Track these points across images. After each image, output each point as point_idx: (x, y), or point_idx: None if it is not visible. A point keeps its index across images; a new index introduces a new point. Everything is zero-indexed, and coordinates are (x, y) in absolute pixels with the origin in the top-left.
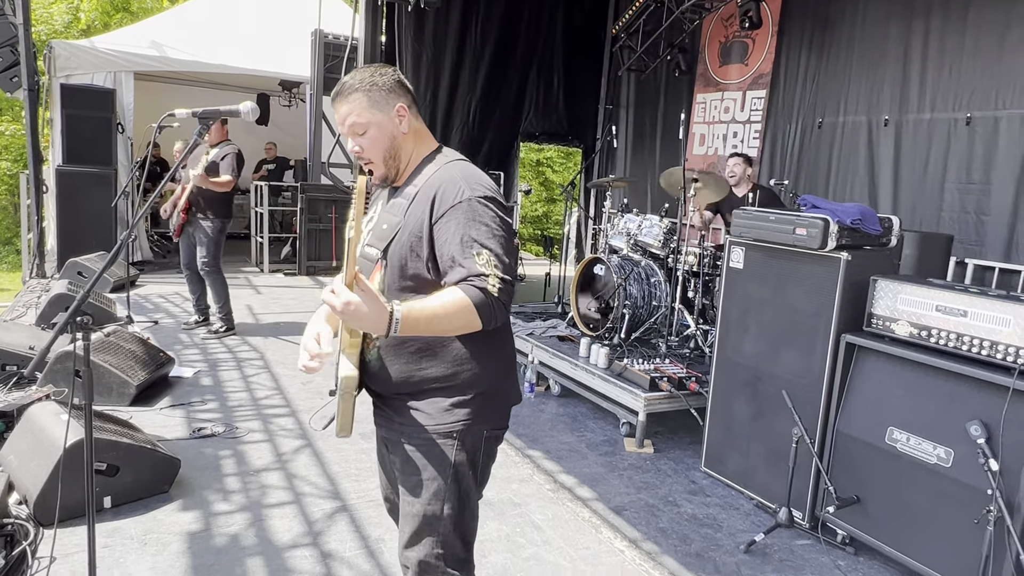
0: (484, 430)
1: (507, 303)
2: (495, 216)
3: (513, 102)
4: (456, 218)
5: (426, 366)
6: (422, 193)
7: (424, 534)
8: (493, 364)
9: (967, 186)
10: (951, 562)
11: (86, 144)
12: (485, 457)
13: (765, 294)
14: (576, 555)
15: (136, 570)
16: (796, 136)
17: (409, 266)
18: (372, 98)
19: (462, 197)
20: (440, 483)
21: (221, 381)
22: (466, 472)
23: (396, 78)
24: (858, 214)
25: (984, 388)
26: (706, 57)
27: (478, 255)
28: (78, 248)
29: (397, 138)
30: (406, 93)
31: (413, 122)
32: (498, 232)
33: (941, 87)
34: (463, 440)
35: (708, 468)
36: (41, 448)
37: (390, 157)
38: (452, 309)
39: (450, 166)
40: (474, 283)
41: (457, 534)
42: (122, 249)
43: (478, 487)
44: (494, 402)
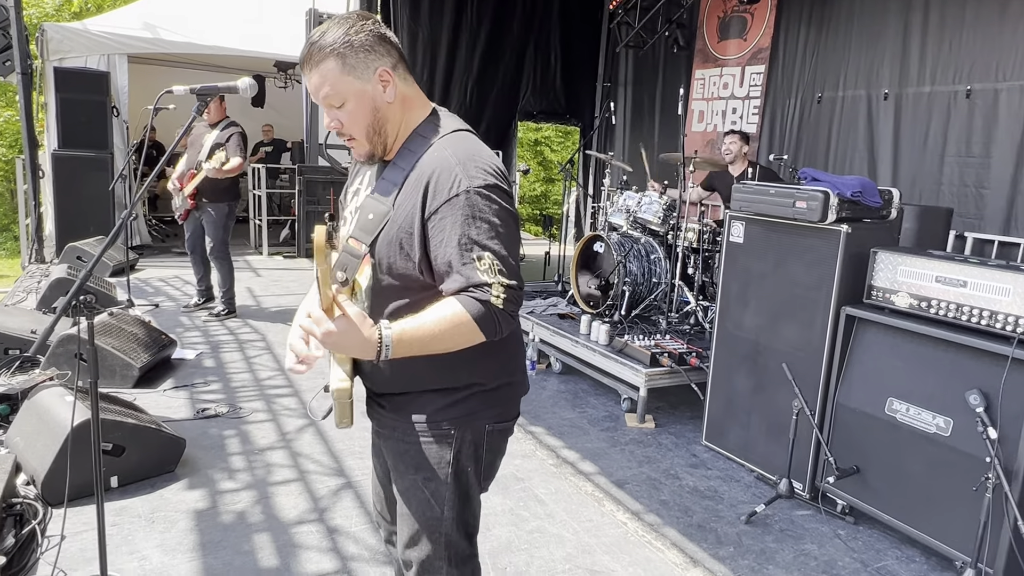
0: (486, 424)
1: (514, 311)
2: (498, 208)
3: (510, 81)
4: (452, 215)
5: (422, 365)
6: (413, 178)
7: (424, 535)
8: (497, 358)
9: (967, 159)
10: (950, 529)
11: (81, 128)
12: (490, 453)
13: (765, 268)
14: (579, 528)
15: (145, 547)
16: (795, 111)
17: (397, 265)
18: (348, 63)
19: (459, 189)
20: (437, 484)
21: (223, 363)
22: (466, 469)
23: (377, 32)
24: (858, 186)
25: (983, 357)
26: (704, 33)
27: (479, 260)
28: (76, 233)
29: (381, 109)
30: (389, 51)
31: (400, 86)
32: (501, 229)
33: (941, 60)
34: (463, 437)
35: (709, 441)
36: (47, 429)
37: (374, 132)
38: (449, 327)
39: (445, 143)
40: (474, 294)
41: (460, 533)
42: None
43: (483, 482)
44: (498, 396)
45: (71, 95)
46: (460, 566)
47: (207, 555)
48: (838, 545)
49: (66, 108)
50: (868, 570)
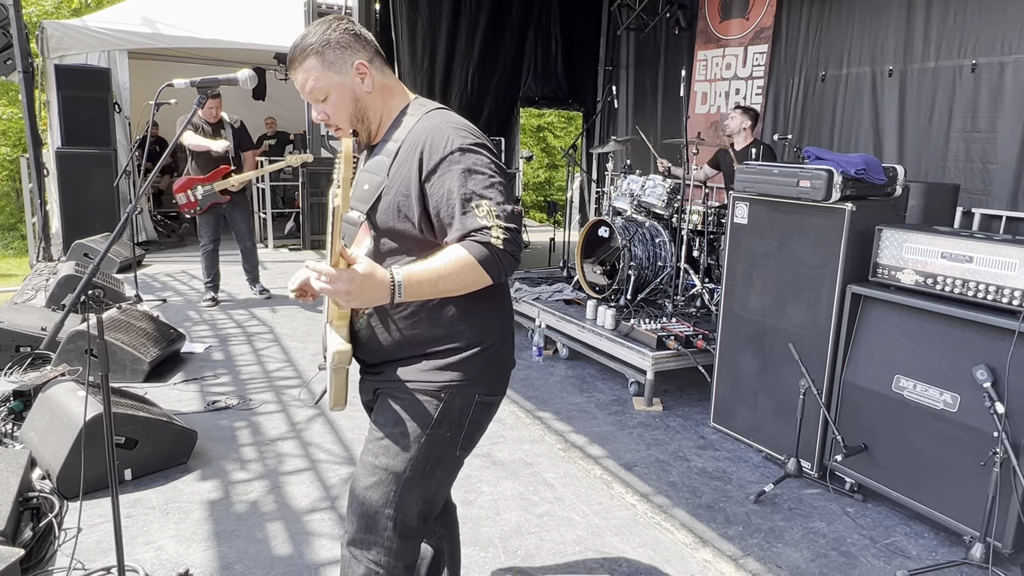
0: (476, 394)
1: (515, 251)
2: (489, 162)
3: (511, 67)
4: (449, 171)
5: (418, 330)
6: (406, 147)
7: (379, 488)
8: (491, 324)
9: (972, 134)
10: (958, 504)
11: (84, 125)
12: (472, 424)
13: (770, 248)
14: (588, 510)
15: (160, 538)
16: (799, 90)
17: (397, 228)
18: (327, 59)
19: (452, 147)
20: (410, 441)
21: (232, 355)
22: (444, 436)
23: (352, 31)
24: (862, 164)
25: (990, 332)
26: (706, 13)
27: (477, 207)
28: (82, 230)
29: (362, 99)
30: (364, 46)
31: (378, 77)
32: (495, 179)
33: (946, 34)
34: (450, 402)
35: (716, 423)
36: (60, 424)
37: (357, 120)
38: (455, 268)
39: (432, 115)
40: (476, 238)
41: (414, 499)
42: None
43: (459, 451)
44: (491, 365)
45: (73, 92)
46: (403, 536)
47: (221, 544)
48: (847, 522)
49: (68, 105)
50: (877, 546)
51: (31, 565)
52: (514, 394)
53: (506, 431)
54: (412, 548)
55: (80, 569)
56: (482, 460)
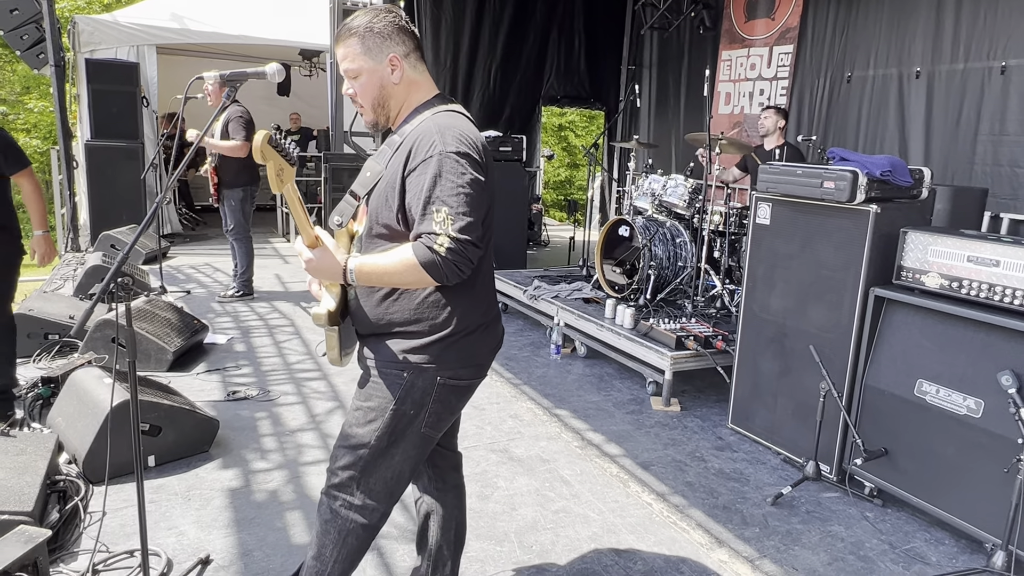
0: (439, 376)
1: (458, 261)
2: (463, 172)
3: (534, 66)
4: (424, 173)
5: (392, 310)
6: (404, 144)
7: (347, 454)
8: (460, 313)
9: (1001, 138)
10: (980, 511)
11: (113, 118)
12: (437, 403)
13: (792, 249)
14: (604, 508)
15: (182, 523)
16: (824, 91)
17: (382, 215)
18: (366, 44)
19: (434, 152)
20: (377, 414)
21: (254, 347)
22: (406, 412)
23: (396, 23)
24: (888, 166)
25: (1016, 338)
26: (731, 13)
27: (436, 212)
28: (110, 222)
29: (387, 87)
30: (404, 40)
31: (408, 71)
32: (462, 188)
33: (976, 35)
34: (413, 381)
35: (735, 424)
36: (87, 410)
37: (379, 105)
38: (401, 267)
39: (438, 116)
40: (424, 242)
41: (378, 466)
42: (154, 217)
43: (426, 428)
44: (454, 350)
45: (102, 86)
46: (366, 496)
47: (241, 531)
48: (866, 527)
49: (98, 99)
50: (896, 552)
51: (57, 546)
52: (532, 391)
53: (523, 428)
54: (372, 510)
55: (104, 551)
56: (499, 456)
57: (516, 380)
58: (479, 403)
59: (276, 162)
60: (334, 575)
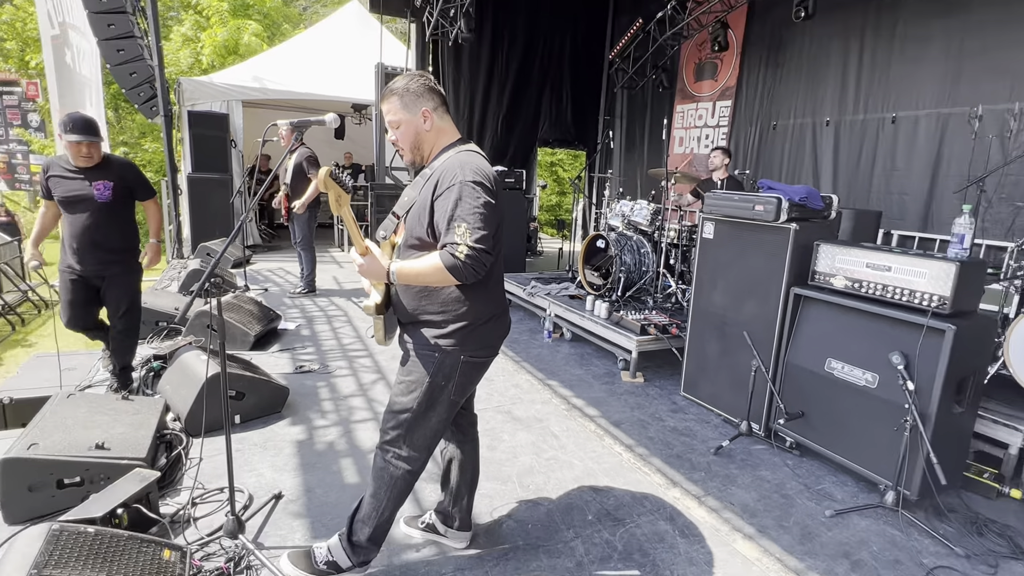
0: (462, 355)
1: (474, 265)
2: (479, 195)
3: (531, 116)
4: (449, 197)
5: (424, 304)
6: (433, 175)
7: (395, 418)
8: (475, 309)
9: (892, 172)
10: (876, 460)
11: (208, 156)
12: (462, 376)
13: (731, 258)
14: (585, 456)
15: (260, 466)
16: (755, 136)
17: (416, 230)
18: (404, 101)
19: (456, 181)
20: (416, 386)
21: (316, 332)
22: (439, 384)
23: (427, 85)
24: (805, 193)
25: (903, 326)
26: (683, 75)
27: (458, 227)
28: (206, 235)
29: (421, 133)
30: (433, 97)
31: (437, 121)
32: (478, 209)
33: (872, 93)
34: (443, 360)
35: (686, 392)
36: (188, 380)
37: (415, 147)
38: (430, 269)
39: (457, 155)
40: (448, 250)
41: (419, 426)
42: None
43: (455, 396)
44: (473, 336)
45: (200, 131)
46: (411, 450)
47: (305, 473)
48: (787, 472)
49: (197, 141)
50: (810, 491)
51: (165, 484)
52: (529, 366)
53: (523, 394)
54: (415, 459)
55: (200, 489)
56: (504, 416)
57: (517, 358)
58: (489, 375)
59: (335, 191)
60: (387, 510)
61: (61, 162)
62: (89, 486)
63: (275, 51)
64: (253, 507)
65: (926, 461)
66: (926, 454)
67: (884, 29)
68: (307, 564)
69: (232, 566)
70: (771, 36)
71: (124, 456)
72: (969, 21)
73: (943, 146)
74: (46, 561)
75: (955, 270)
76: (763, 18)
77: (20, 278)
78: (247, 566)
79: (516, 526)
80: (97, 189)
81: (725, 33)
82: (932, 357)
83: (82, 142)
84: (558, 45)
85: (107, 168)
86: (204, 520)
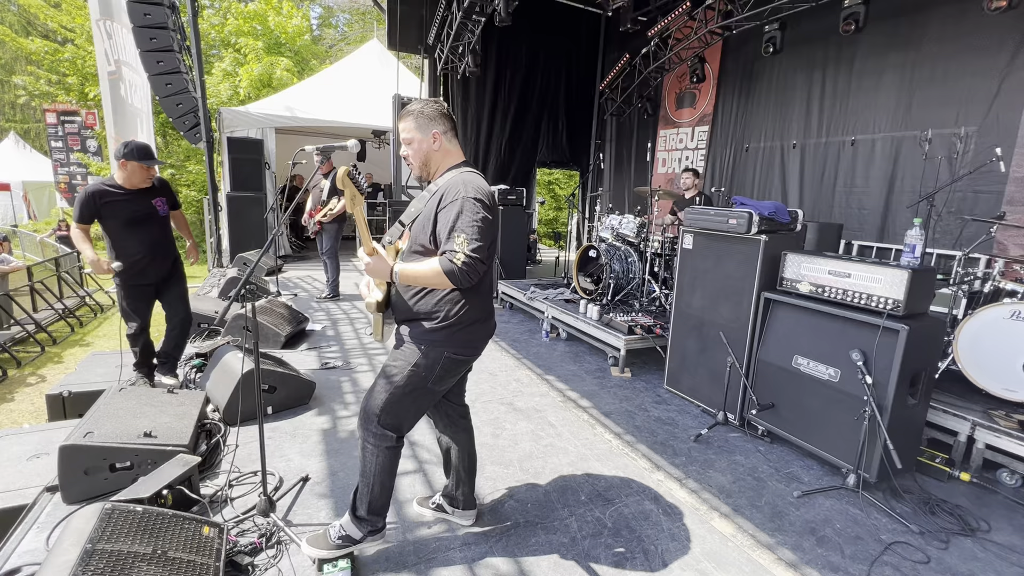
0: (445, 352)
1: (469, 271)
2: (478, 210)
3: (531, 140)
4: (451, 210)
5: (419, 304)
6: (438, 191)
7: (375, 396)
8: (464, 312)
9: (851, 189)
10: (838, 446)
11: (245, 177)
12: (442, 370)
13: (708, 266)
14: (579, 443)
15: (289, 452)
16: (730, 157)
17: (420, 237)
18: (418, 123)
19: (458, 196)
20: (401, 371)
21: (340, 332)
22: (420, 373)
23: (439, 110)
24: (773, 208)
25: (862, 326)
26: (666, 104)
27: (457, 237)
28: (243, 247)
29: (430, 152)
30: (444, 121)
31: (445, 143)
32: (476, 223)
33: (834, 119)
34: (427, 353)
35: (669, 386)
36: (225, 375)
37: (424, 164)
38: (429, 272)
39: (461, 175)
40: (447, 256)
41: (396, 406)
42: (272, 243)
43: (434, 385)
44: (458, 336)
45: (238, 155)
46: (385, 429)
47: (330, 458)
48: (759, 457)
49: (235, 164)
50: (780, 474)
51: (205, 468)
52: (529, 363)
53: (523, 388)
54: (388, 438)
55: (237, 472)
56: (506, 407)
57: (518, 355)
58: (493, 371)
59: (351, 190)
60: (376, 484)
61: (109, 187)
62: (138, 470)
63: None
64: (283, 488)
65: (883, 447)
66: (883, 441)
67: (844, 62)
68: (324, 543)
69: (264, 541)
70: (743, 69)
71: (169, 443)
72: (919, 55)
73: (897, 166)
74: (100, 536)
75: (907, 276)
76: (736, 53)
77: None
78: (277, 541)
79: (517, 505)
80: (158, 205)
81: (702, 66)
82: (888, 354)
83: (151, 166)
84: (554, 78)
85: (157, 187)
86: (239, 500)
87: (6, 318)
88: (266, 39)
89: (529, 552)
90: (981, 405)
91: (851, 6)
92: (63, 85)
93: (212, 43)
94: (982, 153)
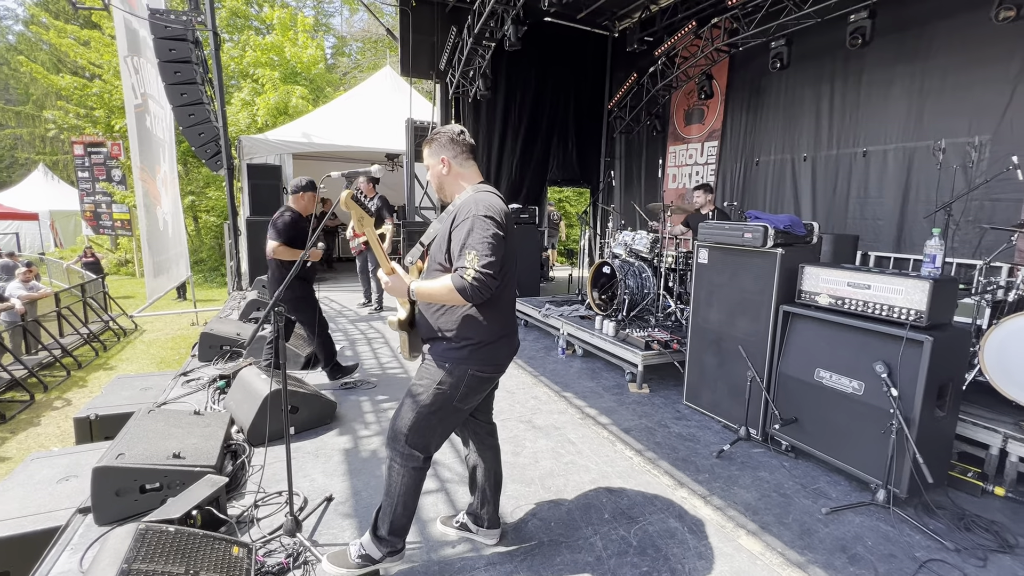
0: (469, 369)
1: (480, 287)
2: (488, 228)
3: (542, 160)
4: (463, 228)
5: (441, 322)
6: (454, 210)
7: (402, 416)
8: (486, 329)
9: (865, 200)
10: (866, 461)
11: (264, 202)
12: (467, 388)
13: (724, 280)
14: (600, 460)
15: (313, 472)
16: (740, 172)
17: (438, 256)
18: (432, 149)
19: (469, 214)
20: (426, 390)
21: (358, 352)
22: (446, 391)
23: (449, 137)
24: (788, 221)
25: (884, 338)
26: (674, 120)
27: (467, 254)
28: (261, 270)
29: (441, 177)
30: (453, 147)
31: (456, 167)
32: (487, 239)
33: (844, 131)
34: (452, 371)
35: (688, 402)
36: (250, 396)
37: (439, 188)
38: (442, 289)
39: (475, 194)
40: (459, 273)
41: (423, 425)
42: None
43: (459, 403)
44: (482, 353)
45: (257, 181)
46: (413, 447)
47: (352, 477)
48: (784, 473)
49: (254, 189)
50: (807, 490)
51: (231, 488)
52: (546, 380)
53: (541, 405)
54: (415, 458)
55: (262, 492)
56: (525, 425)
57: (535, 372)
58: (511, 388)
59: (357, 212)
60: (399, 505)
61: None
62: (167, 490)
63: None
64: (308, 508)
65: (913, 461)
66: (912, 454)
67: (852, 75)
68: (343, 561)
69: (291, 561)
70: (751, 84)
71: (197, 464)
72: (928, 66)
73: (911, 176)
74: (135, 556)
75: (929, 287)
76: (743, 69)
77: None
78: (304, 561)
79: (540, 524)
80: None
81: (710, 83)
82: (913, 366)
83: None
84: (563, 98)
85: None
86: (265, 520)
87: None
88: (282, 69)
89: (555, 571)
90: (1012, 416)
91: (857, 21)
92: (90, 118)
93: (231, 74)
94: (998, 161)
